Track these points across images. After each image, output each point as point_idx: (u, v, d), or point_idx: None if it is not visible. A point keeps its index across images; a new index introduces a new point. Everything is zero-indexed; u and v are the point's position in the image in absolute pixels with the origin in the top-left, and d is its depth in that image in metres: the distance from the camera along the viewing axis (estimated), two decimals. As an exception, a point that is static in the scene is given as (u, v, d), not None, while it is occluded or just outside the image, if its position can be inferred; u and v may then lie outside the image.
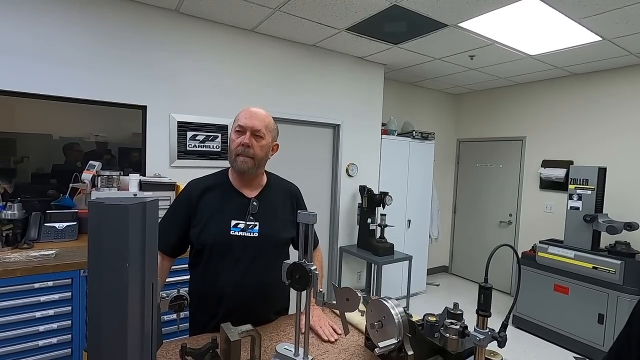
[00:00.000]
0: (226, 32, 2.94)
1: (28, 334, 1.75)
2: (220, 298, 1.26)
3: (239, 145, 1.25)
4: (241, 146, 1.25)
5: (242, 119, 1.27)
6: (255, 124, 1.26)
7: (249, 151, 1.25)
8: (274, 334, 1.25)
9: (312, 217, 1.00)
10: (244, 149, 1.25)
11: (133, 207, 0.65)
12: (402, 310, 1.09)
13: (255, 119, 1.27)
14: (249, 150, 1.25)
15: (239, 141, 1.26)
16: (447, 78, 4.35)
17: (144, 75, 2.63)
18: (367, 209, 3.62)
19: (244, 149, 1.25)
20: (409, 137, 4.21)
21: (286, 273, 1.02)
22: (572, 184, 3.27)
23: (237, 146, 1.26)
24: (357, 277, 3.98)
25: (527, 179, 4.37)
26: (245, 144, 1.24)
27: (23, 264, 1.77)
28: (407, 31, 2.91)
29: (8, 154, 2.33)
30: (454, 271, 5.33)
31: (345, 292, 0.98)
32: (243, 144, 1.24)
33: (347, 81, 3.68)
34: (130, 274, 0.65)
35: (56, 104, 2.39)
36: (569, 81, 4.00)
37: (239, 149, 1.25)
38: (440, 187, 5.02)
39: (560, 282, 3.24)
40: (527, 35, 2.89)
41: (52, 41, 2.32)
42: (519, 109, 4.50)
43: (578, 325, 3.12)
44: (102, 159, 2.54)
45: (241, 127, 1.26)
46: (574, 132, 3.95)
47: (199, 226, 1.27)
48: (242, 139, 1.25)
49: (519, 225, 4.45)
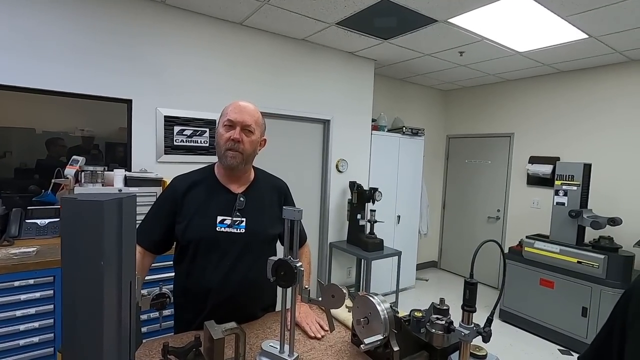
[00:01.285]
0: (214, 25, 2.89)
1: (8, 333, 1.70)
2: (206, 295, 1.24)
3: (229, 140, 1.22)
4: (231, 141, 1.22)
5: (231, 113, 1.24)
6: (246, 119, 1.24)
7: (239, 146, 1.23)
8: (260, 331, 1.24)
9: (298, 213, 0.99)
10: (233, 144, 1.22)
11: (108, 204, 0.62)
12: (388, 306, 1.08)
13: (246, 114, 1.24)
14: (239, 145, 1.22)
15: (228, 136, 1.23)
16: (437, 74, 4.36)
17: (128, 68, 2.56)
18: (357, 204, 3.62)
19: (234, 144, 1.22)
20: (399, 133, 4.21)
21: (271, 270, 1.01)
22: (558, 180, 3.32)
23: (227, 141, 1.23)
24: (347, 273, 3.99)
25: (515, 175, 4.43)
26: (235, 139, 1.22)
27: (2, 262, 1.72)
28: (397, 26, 2.90)
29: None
30: (443, 266, 5.39)
31: (331, 289, 0.97)
32: (233, 139, 1.22)
33: (337, 76, 3.65)
34: (105, 273, 0.63)
35: (39, 98, 2.32)
36: (556, 78, 4.05)
37: (229, 143, 1.22)
38: (429, 183, 5.05)
39: (545, 276, 3.30)
40: (515, 32, 2.91)
41: (33, 34, 2.25)
42: (507, 106, 4.54)
43: (562, 318, 3.18)
44: (89, 154, 2.49)
45: (231, 121, 1.23)
46: (560, 128, 4.00)
47: (184, 222, 1.24)
48: (231, 133, 1.22)
49: (506, 221, 4.51)
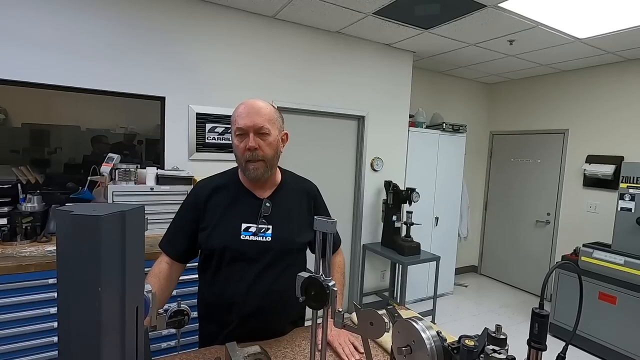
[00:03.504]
0: (245, 19, 2.81)
1: (42, 330, 1.72)
2: (230, 307, 1.14)
3: (245, 151, 1.10)
4: (248, 151, 1.10)
5: (239, 120, 1.11)
6: (257, 122, 1.10)
7: (258, 154, 1.11)
8: (289, 350, 1.13)
9: (331, 225, 0.85)
10: (251, 153, 1.10)
11: (107, 219, 0.52)
12: (434, 333, 0.92)
13: (255, 116, 1.11)
14: (258, 153, 1.10)
15: (243, 146, 1.10)
16: (482, 66, 4.04)
17: (162, 66, 2.55)
18: (393, 205, 3.43)
19: (252, 154, 1.10)
20: (439, 130, 3.95)
21: (300, 288, 0.89)
22: (623, 182, 2.94)
23: (244, 152, 1.11)
24: (381, 277, 3.81)
25: (569, 175, 4.02)
26: (251, 147, 1.09)
27: (38, 259, 1.74)
28: (440, 14, 2.67)
29: (42, 144, 2.36)
30: (483, 272, 5.05)
31: (369, 315, 0.83)
32: (249, 149, 1.09)
33: (373, 70, 3.47)
34: (104, 300, 0.53)
35: (80, 96, 2.37)
36: (620, 67, 3.60)
37: (247, 154, 1.11)
38: (470, 182, 4.73)
39: (606, 290, 2.94)
40: (576, 16, 2.58)
41: (71, 32, 2.27)
42: (561, 99, 4.12)
43: (625, 338, 2.82)
44: (133, 151, 2.58)
45: (241, 129, 1.11)
46: (625, 124, 3.56)
47: (208, 230, 1.15)
48: (246, 142, 1.10)
49: (557, 226, 4.12)
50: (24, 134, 2.32)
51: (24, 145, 2.32)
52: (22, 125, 2.31)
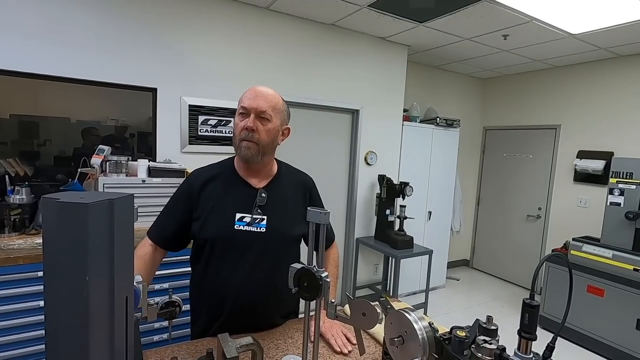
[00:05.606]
0: (239, 10, 2.77)
1: (32, 323, 1.70)
2: (223, 298, 1.14)
3: (243, 130, 1.10)
4: (245, 130, 1.10)
5: (245, 99, 1.12)
6: (260, 105, 1.11)
7: (254, 136, 1.10)
8: (281, 341, 1.13)
9: (324, 215, 0.85)
10: (247, 133, 1.10)
11: (95, 207, 0.51)
12: (426, 324, 0.93)
13: (261, 99, 1.11)
14: (254, 134, 1.10)
15: (242, 125, 1.11)
16: (476, 61, 4.05)
17: (153, 57, 2.51)
18: (386, 199, 3.44)
19: (248, 134, 1.10)
20: (432, 124, 3.96)
21: (293, 279, 0.88)
22: (613, 178, 2.98)
23: (241, 130, 1.11)
24: (374, 270, 3.84)
25: (560, 170, 4.07)
26: (249, 127, 1.09)
27: (27, 251, 1.72)
28: (435, 7, 2.66)
29: (31, 136, 2.31)
30: (475, 265, 5.11)
31: (361, 306, 0.83)
32: (247, 128, 1.10)
33: (367, 64, 3.45)
34: (92, 289, 0.52)
35: (69, 87, 2.32)
36: (612, 64, 3.63)
37: (243, 133, 1.11)
38: (463, 177, 4.76)
39: (594, 283, 3.00)
40: (570, 11, 2.59)
41: (59, 20, 2.22)
42: (553, 95, 4.15)
43: (613, 330, 2.89)
44: (124, 143, 2.53)
45: (244, 108, 1.11)
46: (615, 120, 3.60)
47: (201, 219, 1.14)
48: (245, 122, 1.10)
49: (548, 220, 4.17)
50: (12, 126, 2.27)
51: (13, 137, 2.27)
52: (11, 117, 2.25)
